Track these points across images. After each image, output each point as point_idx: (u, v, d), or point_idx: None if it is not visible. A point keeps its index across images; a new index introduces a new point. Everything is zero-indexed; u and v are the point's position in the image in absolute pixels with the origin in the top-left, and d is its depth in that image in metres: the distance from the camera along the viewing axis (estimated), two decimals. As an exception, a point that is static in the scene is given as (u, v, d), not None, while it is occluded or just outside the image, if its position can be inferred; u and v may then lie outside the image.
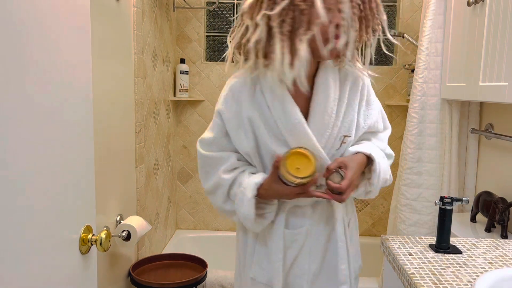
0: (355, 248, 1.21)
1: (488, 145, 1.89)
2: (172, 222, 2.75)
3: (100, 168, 1.53)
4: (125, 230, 1.68)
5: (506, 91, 1.39)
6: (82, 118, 0.92)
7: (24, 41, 0.71)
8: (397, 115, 2.69)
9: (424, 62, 1.93)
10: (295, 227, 1.12)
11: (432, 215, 1.95)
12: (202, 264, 2.03)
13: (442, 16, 1.90)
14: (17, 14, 0.69)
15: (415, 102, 1.95)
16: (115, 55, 1.70)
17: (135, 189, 1.98)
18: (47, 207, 0.79)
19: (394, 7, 2.65)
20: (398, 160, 2.12)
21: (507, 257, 1.07)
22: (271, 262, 1.12)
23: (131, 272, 1.88)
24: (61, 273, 0.85)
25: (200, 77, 2.75)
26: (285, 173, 0.98)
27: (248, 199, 1.04)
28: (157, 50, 2.28)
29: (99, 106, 1.52)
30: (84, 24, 0.92)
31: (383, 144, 1.19)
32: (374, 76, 1.12)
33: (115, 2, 1.68)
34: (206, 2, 2.70)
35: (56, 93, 0.81)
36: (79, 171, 0.91)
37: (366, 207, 2.81)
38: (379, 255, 2.58)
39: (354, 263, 1.21)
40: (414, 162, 1.96)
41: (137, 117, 1.96)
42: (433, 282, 0.91)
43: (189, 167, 2.84)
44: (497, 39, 1.46)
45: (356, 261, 1.23)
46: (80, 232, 0.91)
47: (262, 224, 1.09)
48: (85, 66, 0.93)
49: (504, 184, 1.73)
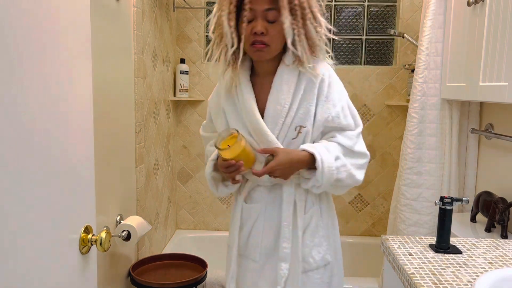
0: (319, 239, 1.29)
1: (488, 145, 1.89)
2: (172, 222, 2.75)
3: (100, 168, 1.53)
4: (125, 230, 1.69)
5: (506, 91, 1.39)
6: (82, 118, 0.92)
7: (24, 41, 0.71)
8: (397, 115, 2.70)
9: (424, 62, 1.93)
10: (252, 203, 1.31)
11: (432, 215, 1.95)
12: (202, 264, 2.03)
13: (442, 16, 1.90)
14: (17, 14, 0.69)
15: (415, 102, 1.95)
16: (115, 55, 1.70)
17: (135, 189, 1.98)
18: (47, 207, 0.79)
19: (394, 7, 2.65)
20: (398, 160, 2.12)
21: (507, 257, 1.07)
22: (232, 229, 1.36)
23: (131, 272, 1.88)
24: (61, 273, 0.85)
25: (200, 77, 2.75)
26: (216, 147, 1.17)
27: (208, 162, 1.31)
28: (157, 50, 2.28)
29: (99, 106, 1.52)
30: (84, 24, 0.92)
31: (349, 142, 1.24)
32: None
33: (115, 2, 1.68)
34: (206, 2, 2.70)
35: (56, 93, 0.81)
36: (79, 171, 0.91)
37: (366, 207, 2.81)
38: (379, 255, 2.58)
39: (316, 252, 1.28)
40: (414, 162, 1.96)
41: (137, 117, 1.96)
42: (433, 282, 0.91)
43: (189, 167, 2.84)
44: (497, 39, 1.46)
45: (318, 252, 1.29)
46: (80, 232, 0.91)
47: (223, 192, 1.33)
48: (85, 66, 0.93)
49: (504, 184, 1.73)
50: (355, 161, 1.24)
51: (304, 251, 1.27)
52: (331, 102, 1.23)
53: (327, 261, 1.29)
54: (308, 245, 1.27)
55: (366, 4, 2.66)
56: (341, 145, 1.23)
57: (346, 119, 1.24)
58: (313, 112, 1.22)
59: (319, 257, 1.28)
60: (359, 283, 2.20)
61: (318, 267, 1.28)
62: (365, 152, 1.27)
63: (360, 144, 1.26)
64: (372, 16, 2.67)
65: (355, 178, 1.24)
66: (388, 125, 2.70)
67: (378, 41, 2.69)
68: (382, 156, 2.72)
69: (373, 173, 2.76)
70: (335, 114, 1.22)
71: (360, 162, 1.25)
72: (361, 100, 2.70)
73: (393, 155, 2.71)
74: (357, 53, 2.71)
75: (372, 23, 2.68)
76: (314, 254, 1.28)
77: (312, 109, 1.22)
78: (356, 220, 2.82)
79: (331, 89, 1.23)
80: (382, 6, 2.66)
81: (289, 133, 1.22)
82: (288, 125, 1.21)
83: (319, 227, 1.29)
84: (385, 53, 2.70)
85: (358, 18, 2.68)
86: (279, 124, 1.22)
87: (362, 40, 2.69)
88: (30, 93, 0.73)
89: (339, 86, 1.26)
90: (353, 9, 2.68)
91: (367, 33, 2.69)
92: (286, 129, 1.22)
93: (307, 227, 1.28)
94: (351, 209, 2.81)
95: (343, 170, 1.20)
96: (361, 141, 1.27)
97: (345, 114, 1.24)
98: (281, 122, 1.21)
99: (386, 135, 2.71)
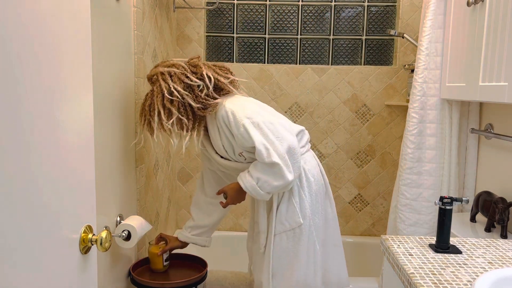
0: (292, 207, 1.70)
1: (488, 145, 1.89)
2: (172, 222, 2.75)
3: (100, 168, 1.53)
4: (125, 230, 1.69)
5: (505, 91, 1.39)
6: (82, 118, 0.92)
7: (23, 41, 0.71)
8: (397, 115, 2.70)
9: (424, 62, 1.93)
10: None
11: (432, 215, 1.95)
12: (202, 264, 2.03)
13: (442, 16, 1.91)
14: (17, 14, 0.69)
15: (415, 102, 1.95)
16: (115, 55, 1.70)
17: (135, 189, 1.98)
18: (47, 206, 0.79)
19: (394, 7, 2.66)
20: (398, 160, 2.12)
21: (507, 257, 1.07)
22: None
23: (131, 272, 1.88)
24: (61, 273, 0.85)
25: (200, 77, 2.75)
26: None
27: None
28: (157, 50, 2.28)
29: (99, 106, 1.52)
30: (84, 24, 0.92)
31: (256, 167, 1.61)
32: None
33: (115, 2, 1.68)
34: (206, 2, 2.70)
35: (56, 93, 0.81)
36: (79, 171, 0.91)
37: (366, 207, 2.81)
38: (379, 255, 2.58)
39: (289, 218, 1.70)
40: (414, 162, 1.96)
41: (137, 117, 1.96)
42: (433, 282, 0.91)
43: (189, 167, 2.84)
44: (497, 39, 1.46)
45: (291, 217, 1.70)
46: (80, 232, 0.92)
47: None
48: (85, 66, 0.93)
49: (504, 184, 1.73)
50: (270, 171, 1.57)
51: (281, 217, 1.69)
52: (235, 133, 1.59)
53: (299, 223, 1.67)
54: (283, 213, 1.69)
55: (366, 4, 2.66)
56: (256, 165, 1.60)
57: (248, 141, 1.57)
58: (233, 143, 1.64)
59: (293, 221, 1.68)
60: (359, 283, 2.20)
61: (293, 228, 1.68)
62: (273, 161, 1.54)
63: (265, 157, 1.54)
64: (372, 16, 2.67)
65: (281, 182, 1.57)
66: (388, 125, 2.71)
67: (378, 41, 2.69)
68: (382, 156, 2.73)
69: (373, 173, 2.76)
70: (241, 142, 1.60)
71: (276, 170, 1.55)
72: (361, 100, 2.70)
73: (393, 155, 2.71)
74: (357, 53, 2.71)
75: (372, 23, 2.68)
76: (288, 218, 1.68)
77: (232, 142, 1.64)
78: (356, 220, 2.82)
79: (231, 125, 1.59)
80: (382, 6, 2.66)
81: (237, 156, 1.69)
82: (232, 153, 1.68)
83: (291, 198, 1.69)
84: (385, 53, 2.70)
85: (358, 18, 2.68)
86: (228, 154, 1.70)
87: (362, 40, 2.69)
88: (30, 93, 0.73)
89: (236, 116, 1.58)
90: (353, 9, 2.68)
91: (367, 33, 2.69)
92: (233, 155, 1.69)
93: (282, 198, 1.69)
94: (351, 209, 2.81)
95: (264, 184, 1.58)
96: (271, 152, 1.54)
97: (245, 138, 1.57)
98: (225, 152, 1.69)
99: (386, 135, 2.71)
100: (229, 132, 1.62)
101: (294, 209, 1.68)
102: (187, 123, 1.63)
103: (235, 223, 2.87)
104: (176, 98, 1.61)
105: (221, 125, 1.62)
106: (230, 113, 1.59)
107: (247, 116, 1.58)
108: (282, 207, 1.70)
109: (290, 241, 1.70)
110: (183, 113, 1.63)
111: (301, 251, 1.69)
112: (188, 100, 1.61)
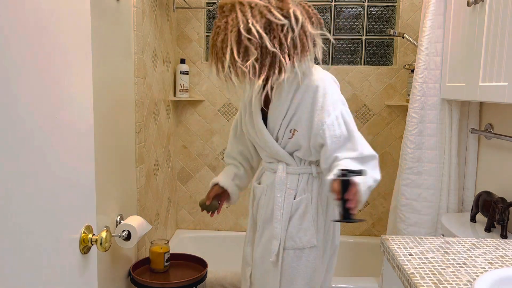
0: (307, 223, 1.47)
1: (488, 145, 1.89)
2: (172, 222, 2.76)
3: (100, 168, 1.53)
4: (125, 230, 1.69)
5: (505, 91, 1.39)
6: (82, 118, 0.92)
7: (23, 41, 0.71)
8: (397, 115, 2.70)
9: (424, 62, 1.93)
10: (259, 184, 1.59)
11: (432, 215, 1.96)
12: (202, 264, 2.03)
13: (442, 16, 1.91)
14: (17, 14, 0.69)
15: (415, 102, 1.95)
16: (115, 55, 1.70)
17: (135, 189, 1.98)
18: (47, 206, 0.79)
19: (394, 7, 2.65)
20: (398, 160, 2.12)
21: (507, 257, 1.07)
22: (249, 203, 1.65)
23: (131, 272, 1.88)
24: (61, 273, 0.85)
25: (200, 77, 2.75)
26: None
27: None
28: (157, 50, 2.28)
29: (99, 106, 1.52)
30: (84, 24, 0.92)
31: (354, 154, 1.35)
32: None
33: (115, 2, 1.68)
34: (206, 2, 2.70)
35: (56, 93, 0.81)
36: (79, 171, 0.91)
37: (366, 207, 2.81)
38: (379, 255, 2.58)
39: (303, 235, 1.47)
40: (414, 162, 1.96)
41: (137, 117, 1.96)
42: (432, 282, 0.91)
43: (189, 167, 2.84)
44: (497, 39, 1.46)
45: (305, 235, 1.47)
46: (80, 232, 0.92)
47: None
48: (85, 66, 0.93)
49: (504, 184, 1.73)
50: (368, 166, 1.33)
51: (292, 232, 1.47)
52: (326, 111, 1.36)
53: (312, 244, 1.47)
54: (296, 228, 1.47)
55: (366, 4, 2.66)
56: (350, 159, 1.32)
57: (340, 128, 1.35)
58: (305, 119, 1.39)
59: (306, 240, 1.47)
60: (359, 283, 2.20)
61: (304, 248, 1.47)
62: (372, 153, 1.36)
63: (364, 147, 1.35)
64: (372, 16, 2.67)
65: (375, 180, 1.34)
66: (388, 125, 2.71)
67: (378, 41, 2.69)
68: (382, 156, 2.72)
69: (373, 173, 2.75)
70: (329, 122, 1.35)
71: (373, 164, 1.35)
72: (361, 100, 2.70)
73: (393, 155, 2.71)
74: (357, 53, 2.71)
75: (372, 23, 2.68)
76: (301, 236, 1.47)
77: (304, 117, 1.39)
78: (356, 220, 2.82)
79: (326, 99, 1.36)
80: (382, 6, 2.66)
81: (285, 134, 1.45)
82: (285, 127, 1.44)
83: (307, 213, 1.47)
84: (385, 53, 2.70)
85: (358, 18, 2.68)
86: (277, 125, 1.45)
87: (362, 40, 2.69)
88: (30, 93, 0.73)
89: (334, 96, 1.37)
90: (353, 9, 2.68)
91: (367, 33, 2.69)
92: (283, 130, 1.44)
93: (296, 212, 1.47)
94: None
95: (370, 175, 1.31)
96: (364, 143, 1.36)
97: (339, 123, 1.35)
98: (279, 124, 1.44)
99: (386, 135, 2.71)
100: (310, 106, 1.37)
101: (310, 226, 1.48)
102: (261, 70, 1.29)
103: (235, 223, 2.87)
104: (253, 38, 1.27)
105: (309, 94, 1.37)
106: (329, 88, 1.36)
107: (344, 103, 1.40)
108: (296, 217, 1.48)
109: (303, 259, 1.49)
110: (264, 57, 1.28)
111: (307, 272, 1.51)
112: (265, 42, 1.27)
